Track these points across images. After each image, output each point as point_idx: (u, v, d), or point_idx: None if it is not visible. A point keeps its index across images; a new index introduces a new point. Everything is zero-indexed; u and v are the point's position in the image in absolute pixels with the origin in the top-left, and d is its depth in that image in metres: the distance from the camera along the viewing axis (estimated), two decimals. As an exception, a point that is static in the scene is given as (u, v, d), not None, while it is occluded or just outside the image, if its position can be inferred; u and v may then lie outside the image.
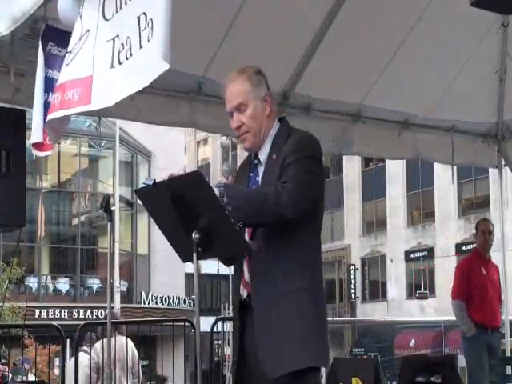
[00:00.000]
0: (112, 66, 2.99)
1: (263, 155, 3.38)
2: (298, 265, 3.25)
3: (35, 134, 4.22)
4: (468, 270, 7.58)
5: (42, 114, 4.28)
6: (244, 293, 3.35)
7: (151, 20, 2.77)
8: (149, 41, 2.79)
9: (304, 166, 3.23)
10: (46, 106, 4.16)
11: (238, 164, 3.66)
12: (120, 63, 2.95)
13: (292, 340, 3.19)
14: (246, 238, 3.31)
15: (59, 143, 32.87)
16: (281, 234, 3.23)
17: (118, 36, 2.98)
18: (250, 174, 3.43)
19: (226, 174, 3.37)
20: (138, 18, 2.84)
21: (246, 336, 3.33)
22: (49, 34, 4.57)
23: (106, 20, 3.07)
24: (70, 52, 3.28)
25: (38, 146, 4.35)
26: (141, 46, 2.84)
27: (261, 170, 3.38)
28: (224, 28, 5.74)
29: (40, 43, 4.55)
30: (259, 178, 3.37)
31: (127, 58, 2.91)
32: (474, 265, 7.61)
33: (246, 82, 3.36)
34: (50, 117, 3.36)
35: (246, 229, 3.32)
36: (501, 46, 6.78)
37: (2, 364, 9.91)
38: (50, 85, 4.33)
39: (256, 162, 3.40)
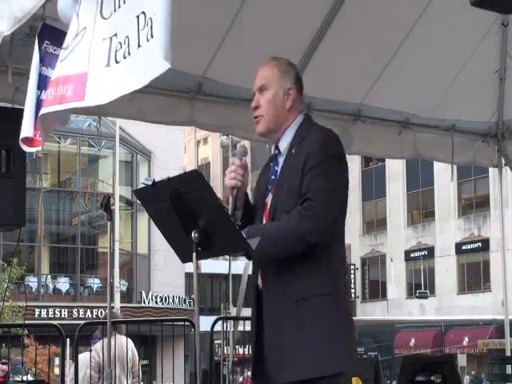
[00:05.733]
0: (108, 65, 2.97)
1: (283, 146, 3.39)
2: (313, 270, 3.20)
3: (25, 129, 4.19)
4: None
5: (33, 110, 4.28)
6: (259, 281, 3.31)
7: (150, 19, 2.76)
8: (148, 40, 2.77)
9: (328, 170, 3.20)
10: (39, 103, 4.16)
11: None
12: (117, 62, 2.93)
13: (300, 348, 3.12)
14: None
15: (59, 142, 32.99)
16: None
17: (115, 35, 2.96)
18: (271, 163, 3.45)
19: (239, 156, 3.39)
20: (137, 17, 2.83)
21: (264, 330, 3.25)
22: (46, 33, 4.58)
23: (104, 19, 3.05)
24: (64, 48, 3.26)
25: (28, 141, 4.33)
26: (139, 46, 2.83)
27: (281, 160, 3.38)
28: (224, 28, 5.74)
29: (36, 41, 4.55)
30: (278, 168, 3.37)
31: (125, 57, 2.90)
32: None
33: (273, 68, 3.42)
34: (42, 111, 3.33)
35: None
36: (501, 46, 6.77)
37: (3, 363, 9.88)
38: (43, 82, 4.33)
39: (276, 152, 3.42)
